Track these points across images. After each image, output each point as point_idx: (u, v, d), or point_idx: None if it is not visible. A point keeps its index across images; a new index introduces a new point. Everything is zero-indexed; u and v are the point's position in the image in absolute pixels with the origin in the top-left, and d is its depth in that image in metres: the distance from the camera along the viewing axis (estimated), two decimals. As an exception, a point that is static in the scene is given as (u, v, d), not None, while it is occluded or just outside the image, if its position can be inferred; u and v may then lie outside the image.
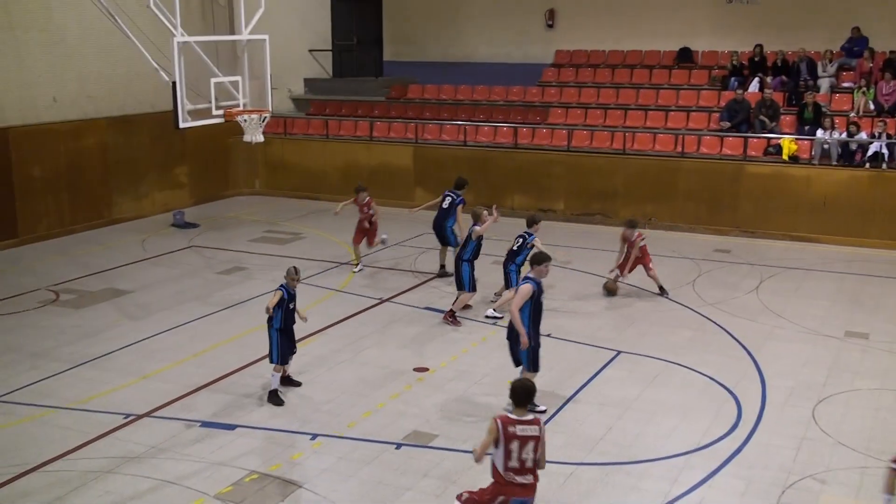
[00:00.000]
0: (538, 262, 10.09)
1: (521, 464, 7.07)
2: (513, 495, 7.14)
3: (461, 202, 15.64)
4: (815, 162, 18.68)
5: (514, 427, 7.03)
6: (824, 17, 21.68)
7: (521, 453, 7.04)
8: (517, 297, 9.99)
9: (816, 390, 11.07)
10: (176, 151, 21.68)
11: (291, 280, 10.88)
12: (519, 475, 7.09)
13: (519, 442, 7.01)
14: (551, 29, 24.91)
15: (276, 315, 10.72)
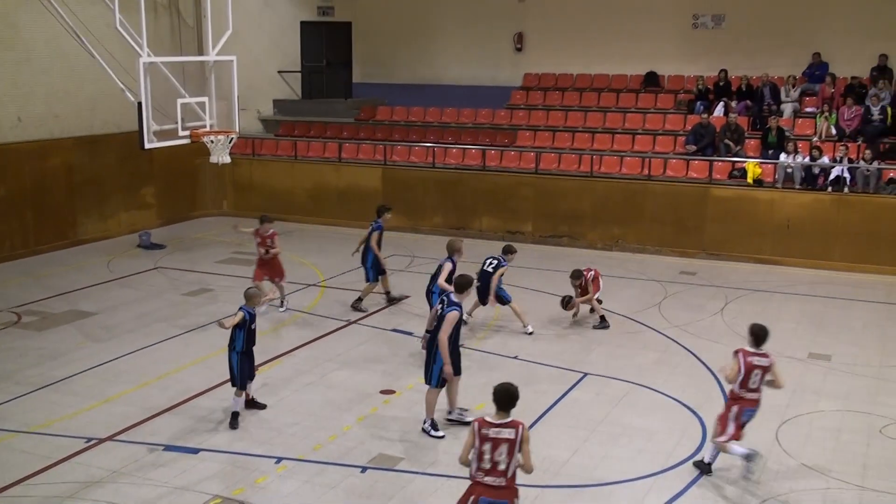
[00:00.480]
0: (468, 286, 10.48)
1: (492, 465, 7.15)
2: (481, 495, 7.20)
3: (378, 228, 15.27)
4: (779, 185, 18.93)
5: (488, 429, 7.18)
6: (787, 43, 22.04)
7: (493, 455, 7.14)
8: (448, 326, 10.10)
9: (780, 412, 11.15)
10: (143, 172, 21.54)
11: (255, 300, 10.81)
12: (489, 476, 7.18)
13: (491, 444, 7.12)
14: (520, 52, 25.11)
15: (238, 337, 10.62)
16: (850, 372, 12.62)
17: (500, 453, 7.15)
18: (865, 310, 15.64)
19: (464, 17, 25.26)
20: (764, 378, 9.20)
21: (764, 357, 9.18)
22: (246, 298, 10.83)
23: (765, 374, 9.18)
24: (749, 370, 9.12)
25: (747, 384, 9.16)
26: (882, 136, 19.45)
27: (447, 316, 10.13)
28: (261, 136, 24.69)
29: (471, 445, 7.23)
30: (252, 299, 10.81)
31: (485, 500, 7.22)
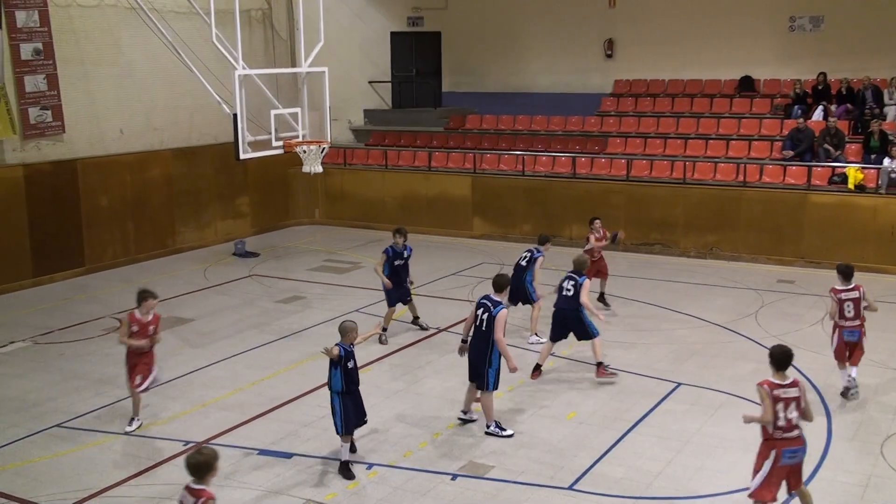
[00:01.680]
0: (506, 285, 10.60)
1: (787, 422, 7.93)
2: (784, 447, 7.98)
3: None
4: (882, 191, 18.26)
5: (779, 391, 7.94)
6: (889, 44, 21.25)
7: (787, 413, 7.91)
8: (501, 325, 10.22)
9: (885, 425, 10.74)
10: (238, 182, 22.08)
11: (350, 335, 9.66)
12: (787, 433, 7.95)
13: (783, 403, 7.92)
14: (610, 58, 24.83)
15: (334, 376, 9.59)
16: (960, 385, 12.08)
17: (790, 410, 7.91)
18: (976, 320, 14.94)
19: (552, 24, 25.14)
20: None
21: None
22: (341, 334, 9.67)
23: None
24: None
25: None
26: None
27: (498, 316, 10.22)
28: (352, 145, 25.02)
29: (772, 407, 7.88)
30: (347, 334, 9.62)
31: (787, 451, 7.97)
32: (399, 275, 14.29)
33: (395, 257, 14.22)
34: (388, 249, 14.25)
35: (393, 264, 14.21)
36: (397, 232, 14.35)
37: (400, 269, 14.29)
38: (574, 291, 12.34)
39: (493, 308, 10.34)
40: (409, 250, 14.36)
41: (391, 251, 14.21)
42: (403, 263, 14.32)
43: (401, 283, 14.32)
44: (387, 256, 14.20)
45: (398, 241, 14.24)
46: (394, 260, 14.20)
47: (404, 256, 14.28)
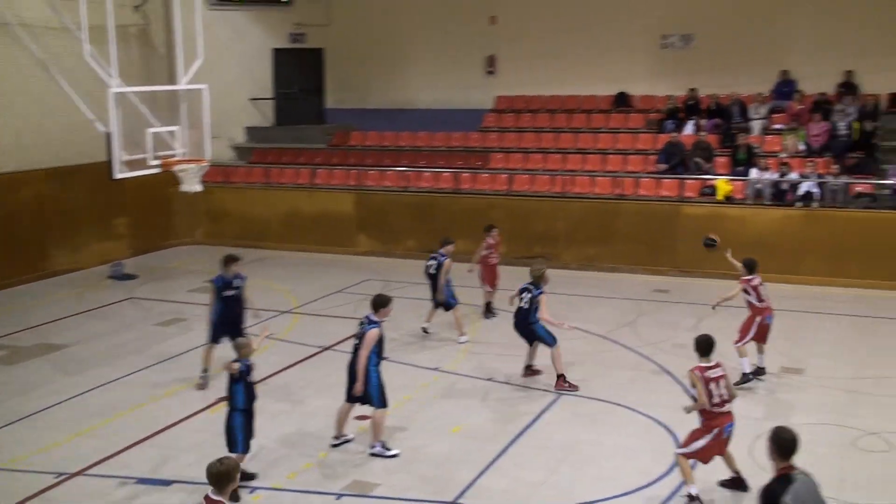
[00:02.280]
0: (384, 305, 10.51)
1: (720, 398, 8.94)
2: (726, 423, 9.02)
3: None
4: (749, 202, 19.09)
5: (709, 372, 8.94)
6: (755, 62, 22.25)
7: (720, 390, 8.94)
8: (368, 344, 10.26)
9: (753, 426, 11.15)
10: (115, 202, 21.42)
11: (246, 350, 9.63)
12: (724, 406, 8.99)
13: (715, 383, 8.92)
14: (492, 75, 25.22)
15: (237, 392, 9.46)
16: (823, 385, 12.70)
17: (721, 388, 8.94)
18: (836, 323, 15.78)
19: (435, 41, 25.39)
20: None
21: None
22: (236, 350, 9.66)
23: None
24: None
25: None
26: (849, 150, 19.70)
27: (368, 334, 10.31)
28: (233, 163, 24.66)
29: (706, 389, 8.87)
30: (242, 349, 9.60)
31: (728, 426, 9.04)
32: (231, 308, 12.78)
33: (223, 287, 12.74)
34: (216, 279, 12.79)
35: (222, 295, 12.74)
36: (228, 259, 12.87)
37: (231, 301, 12.77)
38: (529, 304, 12.59)
39: (366, 326, 10.39)
40: (241, 279, 12.88)
41: (220, 281, 12.73)
42: (235, 294, 12.79)
43: (233, 319, 12.76)
44: (215, 287, 12.75)
45: (229, 269, 12.77)
46: (222, 290, 12.72)
47: (234, 286, 12.77)
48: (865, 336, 15.01)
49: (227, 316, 12.69)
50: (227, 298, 12.72)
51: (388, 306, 10.56)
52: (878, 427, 11.19)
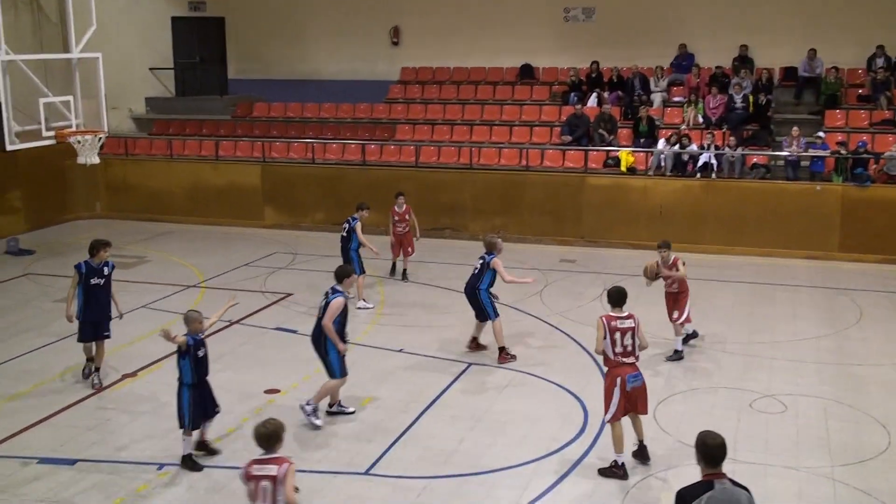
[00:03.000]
0: (347, 275, 10.70)
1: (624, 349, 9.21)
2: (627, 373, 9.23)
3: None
4: (651, 173, 19.56)
5: (616, 322, 9.23)
6: (655, 35, 22.73)
7: (624, 340, 9.19)
8: (331, 312, 10.29)
9: (656, 393, 11.51)
10: (8, 175, 20.62)
11: (196, 325, 9.50)
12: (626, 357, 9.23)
13: (620, 333, 9.17)
14: (396, 46, 25.12)
15: (184, 367, 9.39)
16: (720, 350, 13.17)
17: (627, 338, 9.13)
18: (732, 289, 16.34)
19: (338, 10, 25.11)
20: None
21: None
22: (186, 323, 9.53)
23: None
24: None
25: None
26: (745, 123, 20.32)
27: (332, 303, 10.32)
28: (134, 135, 24.01)
29: (603, 337, 9.14)
30: (192, 324, 9.49)
31: (630, 376, 9.18)
32: (96, 299, 11.57)
33: (89, 275, 11.53)
34: (80, 265, 11.57)
35: (88, 284, 11.51)
36: (98, 245, 11.62)
37: (97, 291, 11.57)
38: (479, 270, 12.70)
39: (330, 295, 10.43)
40: (110, 266, 11.72)
41: (83, 267, 11.52)
42: (103, 283, 11.60)
43: (101, 311, 11.66)
44: (79, 275, 11.51)
45: (98, 255, 11.54)
46: (88, 278, 11.51)
47: (104, 274, 11.60)
48: (761, 302, 15.59)
49: (92, 308, 11.53)
50: (93, 288, 11.50)
51: (350, 276, 10.83)
52: (772, 389, 11.68)
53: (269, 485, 6.58)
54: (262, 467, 6.65)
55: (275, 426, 6.79)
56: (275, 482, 6.57)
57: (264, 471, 6.62)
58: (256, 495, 6.61)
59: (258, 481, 6.61)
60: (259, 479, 6.61)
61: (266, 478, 6.59)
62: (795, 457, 9.81)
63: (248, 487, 6.67)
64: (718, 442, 6.09)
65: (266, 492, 6.58)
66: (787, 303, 15.56)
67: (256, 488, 6.60)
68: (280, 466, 6.61)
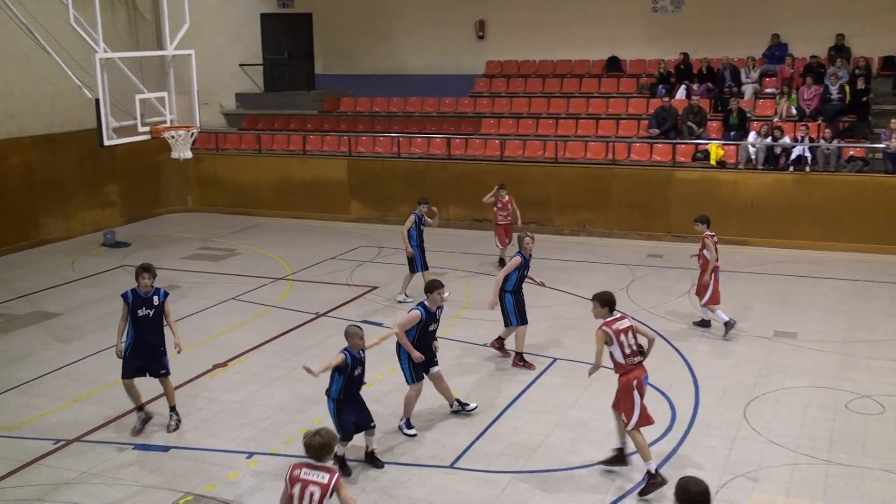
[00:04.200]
0: (431, 290, 10.22)
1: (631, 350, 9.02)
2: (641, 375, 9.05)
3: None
4: (742, 166, 19.10)
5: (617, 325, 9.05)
6: (746, 25, 22.18)
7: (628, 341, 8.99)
8: (403, 321, 10.17)
9: (747, 390, 11.28)
10: (105, 169, 21.31)
11: (357, 341, 9.15)
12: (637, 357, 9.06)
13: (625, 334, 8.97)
14: (482, 40, 25.07)
15: (336, 381, 9.13)
16: (816, 349, 12.78)
17: (630, 337, 8.96)
18: (829, 287, 15.84)
19: (424, 5, 25.19)
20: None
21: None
22: (346, 338, 9.17)
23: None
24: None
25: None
26: (841, 114, 19.68)
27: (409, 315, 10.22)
28: (224, 130, 24.51)
29: (610, 344, 8.95)
30: (352, 339, 9.13)
31: (644, 378, 9.03)
32: (144, 332, 10.11)
33: (136, 304, 10.07)
34: (126, 294, 10.16)
35: (136, 315, 10.04)
36: (137, 271, 10.19)
37: (146, 323, 10.10)
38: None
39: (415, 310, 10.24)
40: (161, 296, 10.21)
41: (130, 296, 10.10)
42: (152, 315, 10.11)
43: (149, 346, 10.20)
44: (127, 306, 10.09)
45: (144, 281, 10.09)
46: (136, 308, 10.05)
47: (153, 304, 10.12)
48: (858, 300, 15.08)
49: (138, 342, 10.17)
50: (141, 320, 10.10)
51: (435, 291, 10.22)
52: (869, 390, 11.29)
53: (318, 491, 6.41)
54: (311, 472, 6.49)
55: (328, 437, 6.62)
56: (325, 490, 6.41)
57: (314, 476, 6.46)
58: (301, 499, 6.43)
59: (305, 486, 6.44)
60: (306, 483, 6.45)
61: (315, 483, 6.43)
62: (894, 460, 9.45)
63: (292, 491, 6.45)
64: (702, 489, 5.62)
65: (312, 498, 6.40)
66: (887, 300, 15.02)
67: (303, 492, 6.42)
68: (332, 475, 6.48)
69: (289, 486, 6.49)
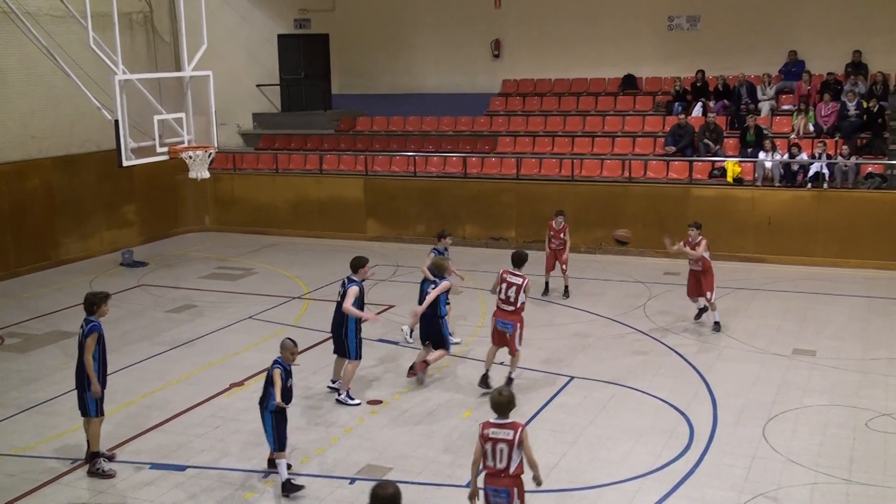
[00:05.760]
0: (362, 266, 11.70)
1: (505, 298, 11.20)
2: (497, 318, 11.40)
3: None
4: (759, 183, 19.03)
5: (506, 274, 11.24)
6: (762, 42, 22.17)
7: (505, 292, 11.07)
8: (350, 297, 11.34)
9: (766, 408, 11.20)
10: (123, 190, 21.46)
11: (289, 354, 9.46)
12: (503, 305, 11.32)
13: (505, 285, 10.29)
14: (497, 58, 25.15)
15: (271, 396, 9.32)
16: (835, 367, 12.68)
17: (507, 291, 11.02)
18: (848, 304, 15.72)
19: (440, 25, 25.31)
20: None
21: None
22: (281, 350, 9.49)
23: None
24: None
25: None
26: (859, 131, 19.60)
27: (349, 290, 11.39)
28: (241, 150, 24.65)
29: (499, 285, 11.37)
30: (285, 352, 9.43)
31: (499, 321, 11.50)
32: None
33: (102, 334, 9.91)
34: (95, 325, 9.90)
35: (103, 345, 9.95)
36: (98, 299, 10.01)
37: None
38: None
39: (346, 284, 11.50)
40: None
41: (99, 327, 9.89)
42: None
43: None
44: (98, 336, 9.86)
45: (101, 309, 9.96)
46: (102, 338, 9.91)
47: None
48: (877, 317, 14.96)
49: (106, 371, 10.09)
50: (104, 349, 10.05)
51: (365, 266, 11.65)
52: (889, 408, 11.18)
53: (506, 447, 7.32)
54: (498, 431, 7.36)
55: (511, 394, 7.49)
56: (511, 445, 7.32)
57: (501, 434, 7.35)
58: (493, 455, 7.36)
59: (495, 443, 7.35)
60: (496, 441, 7.35)
61: (503, 441, 7.33)
62: (916, 479, 9.36)
63: (484, 448, 7.37)
64: (389, 492, 5.90)
65: (502, 453, 7.33)
66: (905, 318, 14.91)
67: (494, 449, 7.35)
68: (515, 431, 7.35)
69: (481, 444, 7.42)
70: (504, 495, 7.43)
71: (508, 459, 7.34)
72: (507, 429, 7.36)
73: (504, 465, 7.38)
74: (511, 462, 7.37)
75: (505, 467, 7.38)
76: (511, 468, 7.38)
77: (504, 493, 7.43)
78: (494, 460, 7.39)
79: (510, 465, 7.38)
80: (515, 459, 7.36)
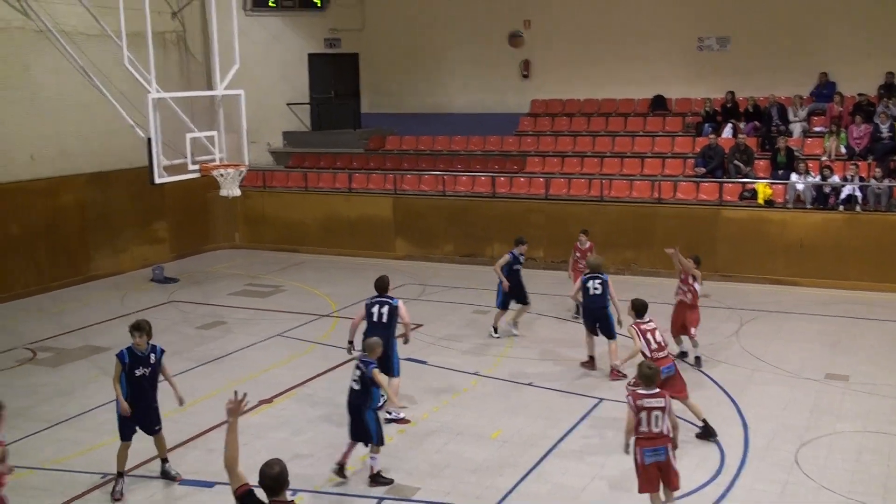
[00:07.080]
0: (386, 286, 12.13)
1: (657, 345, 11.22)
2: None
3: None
4: (790, 206, 18.88)
5: (641, 326, 11.29)
6: (793, 63, 22.05)
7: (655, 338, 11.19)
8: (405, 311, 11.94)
9: (798, 433, 11.06)
10: (155, 206, 21.66)
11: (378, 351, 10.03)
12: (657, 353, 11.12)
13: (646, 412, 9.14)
14: (527, 79, 25.19)
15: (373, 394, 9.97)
16: (868, 392, 12.51)
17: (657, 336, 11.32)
18: (881, 329, 15.53)
19: (470, 45, 25.41)
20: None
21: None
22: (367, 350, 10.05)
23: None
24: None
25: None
26: (892, 153, 19.38)
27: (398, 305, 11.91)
28: (271, 168, 24.83)
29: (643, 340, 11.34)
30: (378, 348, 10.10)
31: (666, 367, 10.73)
32: (141, 392, 9.90)
33: (133, 364, 9.82)
34: (122, 353, 9.88)
35: (133, 375, 9.79)
36: (135, 329, 9.92)
37: (142, 383, 9.88)
38: (602, 290, 13.58)
39: (391, 301, 11.76)
40: (157, 353, 10.04)
41: (126, 356, 9.85)
42: (149, 373, 9.91)
43: (148, 405, 10.02)
44: (122, 365, 9.80)
45: (138, 340, 9.84)
46: (133, 368, 9.79)
47: (150, 363, 9.92)
48: (910, 342, 14.77)
49: (136, 402, 9.88)
50: (137, 380, 9.88)
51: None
52: (925, 434, 11.01)
53: (660, 413, 8.49)
54: (651, 400, 8.52)
55: (656, 368, 8.91)
56: (664, 411, 8.50)
57: (654, 403, 8.51)
58: (649, 422, 8.48)
59: (650, 412, 8.48)
60: (651, 409, 8.48)
61: (657, 409, 8.49)
62: (953, 508, 9.19)
63: (639, 416, 8.46)
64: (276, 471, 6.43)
65: (658, 419, 8.48)
66: (940, 343, 14.69)
67: (649, 416, 8.47)
68: (664, 398, 8.57)
69: (635, 412, 8.51)
70: (663, 452, 8.55)
71: (663, 423, 8.48)
72: (658, 398, 8.52)
73: (659, 430, 8.50)
74: (664, 425, 8.51)
75: (660, 431, 8.51)
76: (664, 430, 8.53)
77: (663, 451, 8.55)
78: (650, 426, 8.49)
79: (663, 428, 8.52)
80: (667, 422, 8.51)
